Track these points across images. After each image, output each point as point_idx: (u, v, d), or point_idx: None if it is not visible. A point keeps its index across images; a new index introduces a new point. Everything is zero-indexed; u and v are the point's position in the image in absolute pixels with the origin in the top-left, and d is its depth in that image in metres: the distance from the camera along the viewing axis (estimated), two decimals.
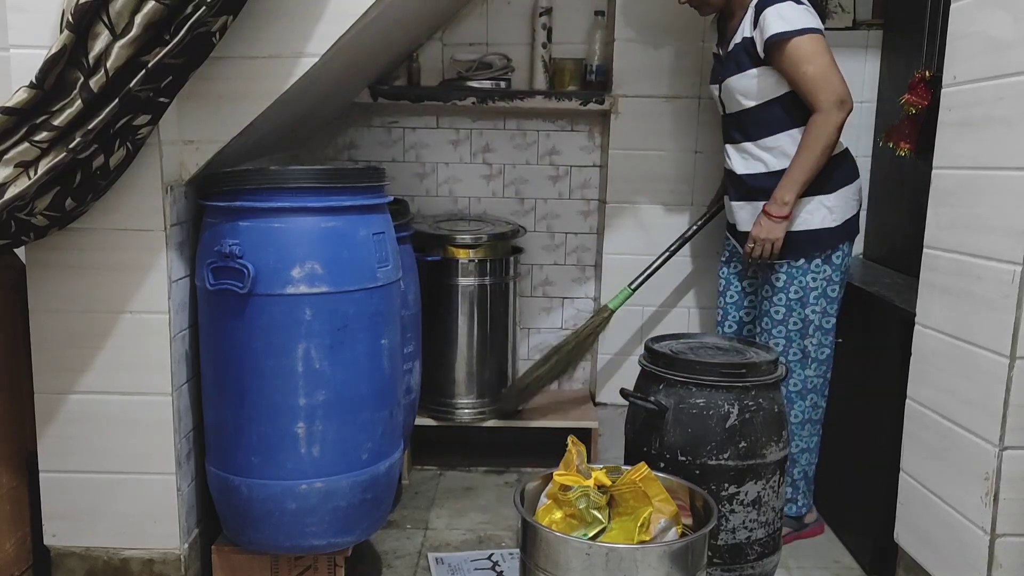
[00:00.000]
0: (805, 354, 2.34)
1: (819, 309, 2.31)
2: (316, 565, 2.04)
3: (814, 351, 2.34)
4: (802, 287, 2.30)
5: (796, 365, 2.35)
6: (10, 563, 1.96)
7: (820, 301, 2.31)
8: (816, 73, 2.15)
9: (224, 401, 1.92)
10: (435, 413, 2.88)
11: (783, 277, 2.32)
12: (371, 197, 1.96)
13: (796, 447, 2.38)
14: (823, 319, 2.32)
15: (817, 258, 2.29)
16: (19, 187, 1.59)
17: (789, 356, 2.34)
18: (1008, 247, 1.68)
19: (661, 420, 2.02)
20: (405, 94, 2.89)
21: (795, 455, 2.39)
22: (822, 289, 2.30)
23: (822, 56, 2.15)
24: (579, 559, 1.68)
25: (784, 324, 2.32)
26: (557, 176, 3.10)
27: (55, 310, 1.91)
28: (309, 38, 1.88)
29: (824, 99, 2.15)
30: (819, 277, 2.29)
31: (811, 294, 2.30)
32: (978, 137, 1.79)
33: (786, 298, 2.32)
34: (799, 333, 2.32)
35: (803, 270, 2.29)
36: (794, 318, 2.32)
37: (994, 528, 1.73)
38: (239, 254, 1.83)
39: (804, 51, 2.14)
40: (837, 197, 2.28)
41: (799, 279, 2.30)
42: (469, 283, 2.80)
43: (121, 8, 1.57)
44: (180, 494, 1.99)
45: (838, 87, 2.15)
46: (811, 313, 2.31)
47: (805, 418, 2.38)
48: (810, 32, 2.15)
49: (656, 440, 2.04)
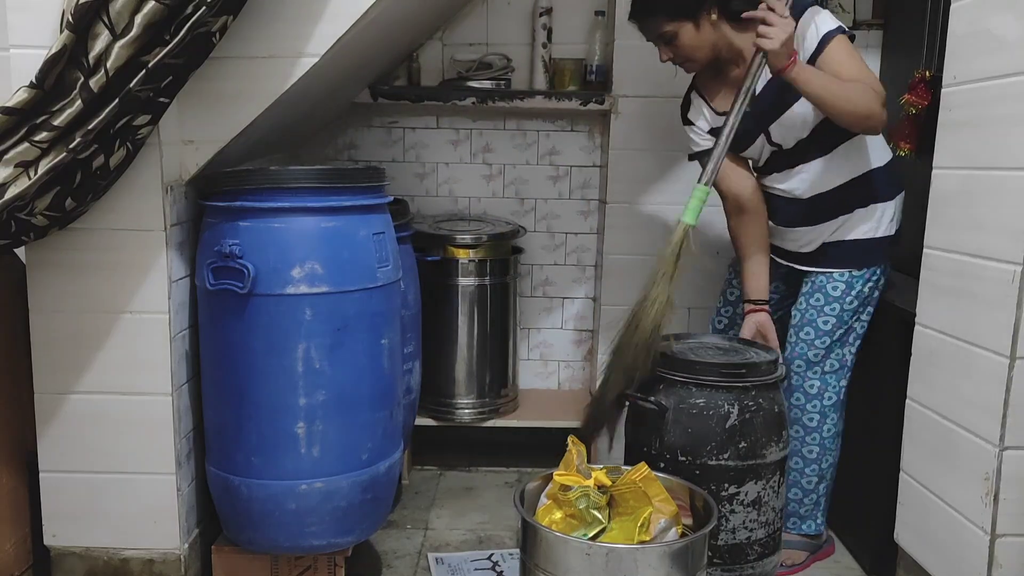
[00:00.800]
0: (842, 363, 2.24)
1: (864, 318, 2.24)
2: (316, 565, 2.04)
3: (851, 361, 2.25)
4: (858, 296, 2.20)
5: (832, 376, 2.24)
6: (10, 563, 1.96)
7: (867, 309, 2.23)
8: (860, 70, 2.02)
9: (224, 401, 1.92)
10: (435, 413, 2.88)
11: (841, 286, 2.20)
12: (371, 197, 1.96)
13: (827, 463, 2.29)
14: (866, 330, 2.25)
15: (877, 266, 2.21)
16: (19, 187, 1.59)
17: (825, 367, 2.23)
18: (1008, 247, 1.68)
19: (661, 420, 2.02)
20: (405, 94, 2.89)
21: (825, 470, 2.29)
22: (873, 298, 2.23)
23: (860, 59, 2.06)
24: (579, 559, 1.68)
25: (830, 334, 2.20)
26: (557, 176, 3.10)
27: (55, 310, 1.91)
28: (309, 38, 1.88)
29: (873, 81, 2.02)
30: (871, 285, 2.21)
31: (866, 304, 2.22)
32: (978, 137, 1.79)
33: (840, 308, 2.20)
34: (841, 343, 2.22)
35: (862, 279, 2.19)
36: (843, 328, 2.22)
37: (994, 528, 1.73)
38: (239, 254, 1.83)
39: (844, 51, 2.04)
40: (898, 202, 2.22)
41: (857, 288, 2.20)
42: (469, 283, 2.80)
43: (121, 8, 1.57)
44: (180, 494, 1.99)
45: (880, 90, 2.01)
46: (857, 322, 2.23)
47: (838, 431, 2.29)
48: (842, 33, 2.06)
49: (656, 440, 2.03)
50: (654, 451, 2.04)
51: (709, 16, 2.09)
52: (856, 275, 2.20)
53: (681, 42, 2.12)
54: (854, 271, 2.20)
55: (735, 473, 1.99)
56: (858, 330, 2.24)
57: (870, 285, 2.21)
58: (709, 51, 2.14)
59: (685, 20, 2.09)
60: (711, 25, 2.10)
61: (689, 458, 1.99)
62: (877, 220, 2.20)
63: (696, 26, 2.10)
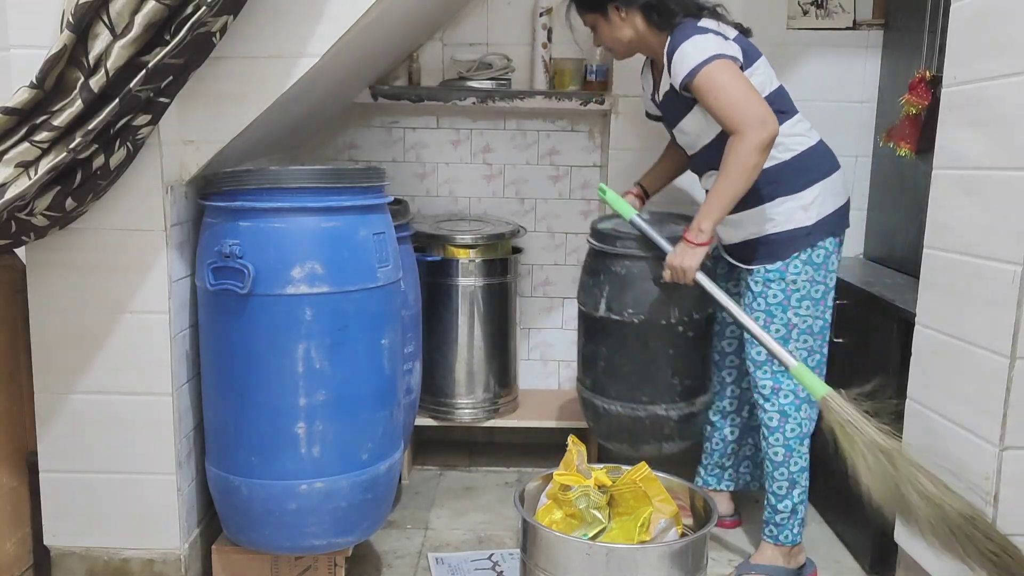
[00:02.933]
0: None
1: (803, 312, 2.21)
2: (316, 565, 2.04)
3: (801, 356, 2.19)
4: (782, 290, 2.20)
5: (783, 375, 2.21)
6: (10, 563, 1.96)
7: (804, 303, 2.20)
8: (726, 99, 2.05)
9: (224, 401, 1.92)
10: (435, 413, 2.88)
11: (760, 282, 2.22)
12: (371, 197, 1.96)
13: (796, 466, 2.25)
14: (812, 323, 2.22)
15: (796, 259, 2.19)
16: (19, 187, 1.59)
17: (775, 365, 2.21)
18: (1008, 247, 1.68)
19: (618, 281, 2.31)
20: (405, 94, 2.89)
21: (795, 475, 2.25)
22: (805, 291, 2.20)
23: (729, 82, 2.05)
24: (579, 559, 1.68)
25: (767, 331, 2.16)
26: (557, 176, 3.10)
27: (55, 310, 1.91)
28: (309, 38, 1.88)
29: (739, 121, 2.03)
30: (800, 279, 2.19)
31: (793, 297, 2.20)
32: (978, 137, 1.79)
33: (765, 303, 2.21)
34: (784, 339, 2.19)
35: (781, 273, 2.20)
36: (776, 324, 2.20)
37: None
38: (239, 254, 1.83)
39: (710, 83, 2.06)
40: (811, 193, 2.20)
41: (778, 282, 2.20)
42: (469, 283, 2.80)
43: (121, 8, 1.57)
44: (180, 494, 1.99)
45: (755, 107, 2.03)
46: (794, 316, 2.20)
47: (803, 432, 2.24)
48: (712, 60, 2.06)
49: (603, 300, 2.34)
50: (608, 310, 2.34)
51: (619, 13, 2.23)
52: (770, 269, 2.21)
53: (600, 32, 2.32)
54: (767, 266, 2.21)
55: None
56: (800, 325, 2.21)
57: (791, 279, 2.20)
58: (626, 43, 2.29)
59: (595, 14, 2.28)
60: (621, 20, 2.24)
61: (631, 311, 2.32)
62: (786, 213, 2.19)
63: (606, 20, 2.26)
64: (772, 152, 2.11)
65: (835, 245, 2.24)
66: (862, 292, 2.38)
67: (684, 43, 2.10)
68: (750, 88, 2.06)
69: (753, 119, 2.02)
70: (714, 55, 2.07)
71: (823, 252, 2.21)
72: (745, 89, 2.06)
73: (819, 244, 2.20)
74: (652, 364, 2.34)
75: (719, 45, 2.10)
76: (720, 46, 2.09)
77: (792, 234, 2.19)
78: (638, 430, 2.38)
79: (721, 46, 2.10)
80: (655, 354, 2.33)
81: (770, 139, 2.03)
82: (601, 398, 2.41)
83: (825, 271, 2.22)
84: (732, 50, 2.12)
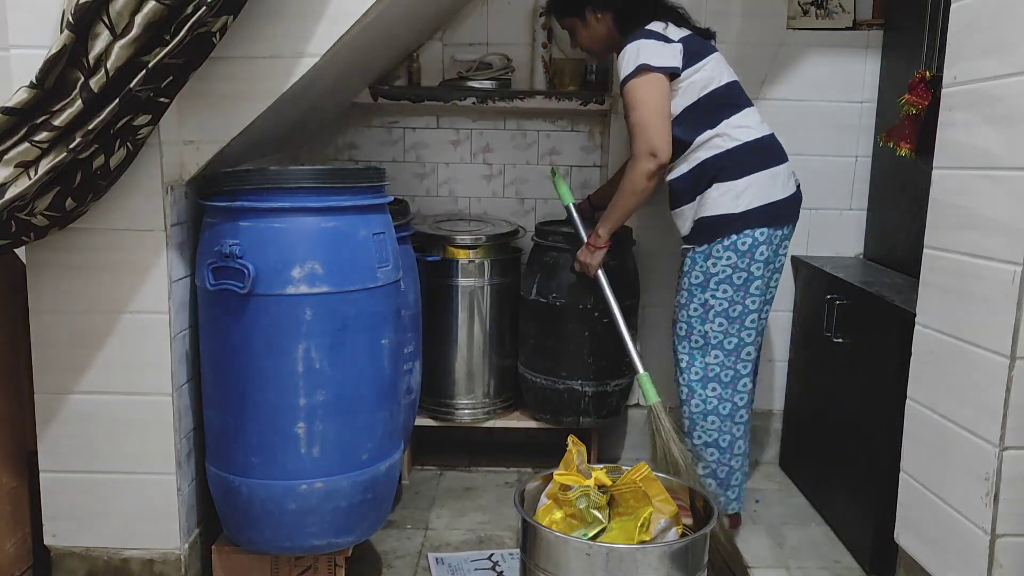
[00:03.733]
0: (707, 340, 2.34)
1: (721, 295, 2.31)
2: (316, 565, 2.04)
3: (716, 338, 2.34)
4: (703, 272, 2.32)
5: (697, 352, 2.36)
6: (10, 563, 1.96)
7: (723, 287, 2.31)
8: (634, 120, 2.26)
9: (224, 401, 1.92)
10: (435, 413, 2.88)
11: (687, 262, 2.36)
12: (371, 197, 1.96)
13: (699, 439, 2.40)
14: (730, 307, 2.31)
15: (720, 243, 2.29)
16: (19, 187, 1.59)
17: (691, 342, 2.37)
18: (1008, 247, 1.68)
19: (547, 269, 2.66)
20: (405, 94, 2.89)
21: (699, 448, 2.40)
22: (726, 275, 2.30)
23: (642, 103, 2.24)
24: (579, 559, 1.68)
25: (687, 308, 2.36)
26: None
27: (55, 310, 1.91)
28: (309, 38, 1.88)
29: (636, 147, 2.27)
30: (721, 263, 2.30)
31: (712, 279, 2.31)
32: (978, 137, 1.79)
33: (688, 282, 2.36)
34: (700, 319, 2.34)
35: (705, 255, 2.31)
36: (695, 303, 2.34)
37: (994, 528, 1.73)
38: (239, 254, 1.83)
39: (628, 98, 2.27)
40: (744, 183, 2.28)
41: (701, 264, 2.32)
42: (469, 283, 2.80)
43: (121, 8, 1.57)
44: (180, 494, 1.99)
45: (651, 138, 2.23)
46: (711, 298, 2.32)
47: (708, 408, 2.38)
48: (638, 73, 2.23)
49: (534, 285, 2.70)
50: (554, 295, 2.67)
51: (595, 15, 2.41)
52: (698, 251, 2.34)
53: (578, 35, 2.50)
54: (696, 247, 2.34)
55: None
56: (718, 308, 2.32)
57: (712, 261, 2.31)
58: (604, 45, 2.47)
59: (573, 17, 2.46)
60: (597, 22, 2.42)
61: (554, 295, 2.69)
62: (717, 198, 2.30)
63: (583, 22, 2.44)
64: (716, 141, 2.30)
65: (767, 236, 2.30)
66: (862, 292, 2.38)
67: (627, 47, 2.28)
68: (659, 113, 2.25)
69: (646, 149, 2.24)
70: (641, 65, 2.23)
71: (750, 241, 2.29)
72: (652, 116, 2.24)
73: (746, 232, 2.28)
74: (571, 343, 2.70)
75: (652, 53, 2.24)
76: (652, 54, 2.24)
77: (719, 219, 2.30)
78: (558, 402, 2.76)
79: (654, 54, 2.24)
80: (573, 335, 2.69)
81: (656, 169, 2.26)
82: (530, 372, 2.81)
83: (750, 259, 2.30)
84: (667, 56, 2.25)
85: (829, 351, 2.60)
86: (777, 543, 2.50)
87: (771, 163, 2.33)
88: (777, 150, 2.36)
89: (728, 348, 2.35)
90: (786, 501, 2.79)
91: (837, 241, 2.98)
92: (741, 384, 2.38)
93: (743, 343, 2.35)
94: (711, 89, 2.29)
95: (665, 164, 2.27)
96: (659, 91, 2.25)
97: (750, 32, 2.87)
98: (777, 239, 2.32)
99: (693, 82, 2.28)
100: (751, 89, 2.88)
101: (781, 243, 2.35)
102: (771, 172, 2.32)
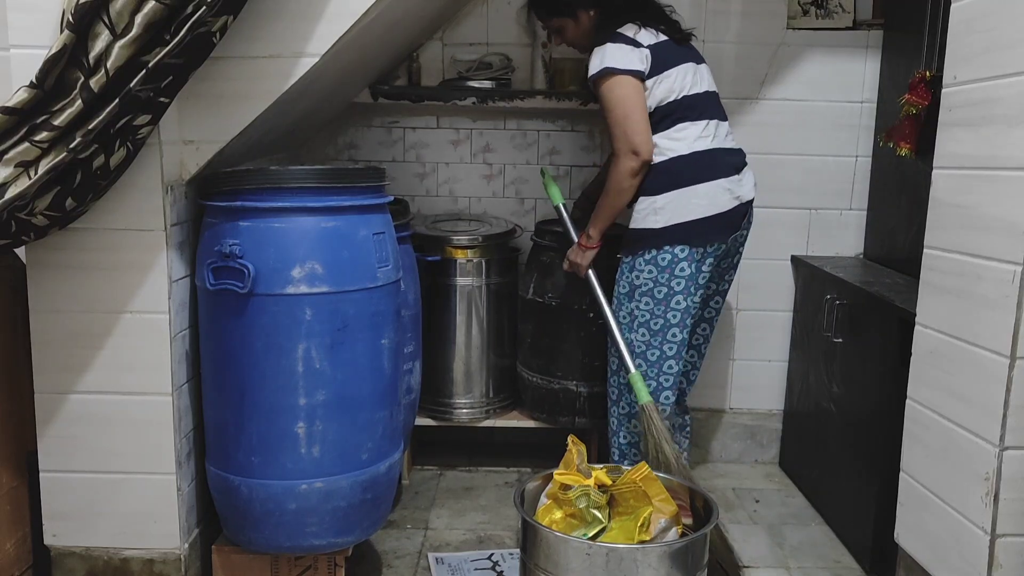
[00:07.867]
0: (631, 348, 2.37)
1: (644, 307, 2.35)
2: (316, 565, 2.04)
3: (639, 348, 2.37)
4: (628, 282, 2.37)
5: (634, 356, 2.40)
6: (10, 563, 1.96)
7: (645, 299, 2.34)
8: (612, 119, 2.29)
9: (224, 401, 1.92)
10: (435, 413, 2.88)
11: (618, 271, 2.42)
12: (371, 197, 1.96)
13: (624, 439, 2.50)
14: (651, 319, 2.34)
15: (641, 256, 2.33)
16: (19, 187, 1.59)
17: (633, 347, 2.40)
18: (1008, 247, 1.68)
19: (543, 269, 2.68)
20: (405, 94, 2.89)
21: (623, 447, 2.50)
22: (647, 288, 2.33)
23: (618, 102, 2.26)
24: (579, 559, 1.69)
25: (615, 314, 2.41)
26: (558, 176, 3.09)
27: (55, 310, 1.91)
28: (309, 38, 1.88)
29: (617, 147, 2.29)
30: (643, 275, 2.33)
31: (636, 291, 2.35)
32: (978, 137, 1.79)
33: (617, 291, 2.42)
34: (627, 327, 2.39)
35: (630, 266, 2.36)
36: (623, 312, 2.40)
37: (994, 528, 1.73)
38: (239, 254, 1.83)
39: (603, 98, 2.30)
40: (664, 199, 2.29)
41: (627, 274, 2.38)
42: (468, 283, 2.80)
43: (121, 8, 1.57)
44: (180, 494, 1.99)
45: (630, 137, 2.25)
46: (636, 309, 2.36)
47: (632, 412, 2.44)
48: (606, 74, 2.26)
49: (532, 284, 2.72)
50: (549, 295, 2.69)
51: (587, 13, 2.44)
52: (626, 261, 2.40)
53: (567, 34, 2.52)
54: (624, 257, 2.40)
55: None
56: (641, 319, 2.37)
57: (635, 273, 2.35)
58: (590, 39, 2.43)
59: (566, 17, 2.48)
60: (588, 19, 2.45)
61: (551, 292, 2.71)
62: (644, 212, 2.33)
63: (576, 21, 2.47)
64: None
65: (687, 254, 2.31)
66: (862, 292, 2.38)
67: (597, 47, 2.31)
68: (635, 112, 2.26)
69: (627, 147, 2.26)
70: (607, 67, 2.26)
71: (669, 257, 2.31)
72: (628, 113, 2.26)
73: (666, 248, 2.31)
74: (566, 343, 2.71)
75: (619, 56, 2.26)
76: (619, 58, 2.26)
77: (641, 233, 2.34)
78: (555, 402, 2.77)
79: (620, 58, 2.26)
80: (568, 335, 2.70)
81: (640, 167, 2.27)
82: (527, 371, 2.82)
83: (670, 275, 2.32)
84: (631, 60, 2.27)
85: (829, 351, 2.60)
86: (777, 543, 2.50)
87: (703, 178, 2.30)
88: (718, 164, 2.32)
89: (651, 360, 2.38)
90: (786, 501, 2.79)
91: (837, 241, 2.98)
92: (663, 396, 2.39)
93: (664, 356, 2.37)
94: (668, 101, 2.30)
95: (648, 161, 2.27)
96: (633, 90, 2.27)
97: (750, 32, 2.87)
98: (699, 255, 2.32)
99: (651, 92, 2.30)
100: (751, 89, 2.90)
101: (704, 260, 2.33)
102: (695, 190, 2.29)
